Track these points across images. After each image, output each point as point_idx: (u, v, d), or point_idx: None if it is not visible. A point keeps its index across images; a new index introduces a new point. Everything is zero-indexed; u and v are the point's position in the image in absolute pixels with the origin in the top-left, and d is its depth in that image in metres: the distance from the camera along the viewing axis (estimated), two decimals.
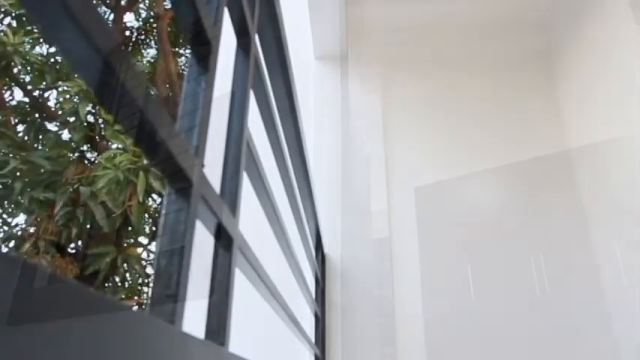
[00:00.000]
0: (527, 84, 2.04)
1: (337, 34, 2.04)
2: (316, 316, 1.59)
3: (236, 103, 0.49)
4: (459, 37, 2.18)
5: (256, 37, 0.55)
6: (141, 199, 3.36)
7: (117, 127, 4.05)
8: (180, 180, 0.31)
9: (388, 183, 1.90)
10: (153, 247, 6.40)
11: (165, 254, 0.30)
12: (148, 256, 6.73)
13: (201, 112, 0.35)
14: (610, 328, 1.61)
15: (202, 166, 0.34)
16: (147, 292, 6.55)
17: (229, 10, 0.49)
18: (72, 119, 4.13)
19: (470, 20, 2.17)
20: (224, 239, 0.42)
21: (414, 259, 1.78)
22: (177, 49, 6.46)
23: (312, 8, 1.88)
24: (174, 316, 0.29)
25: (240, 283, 0.63)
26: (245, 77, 0.51)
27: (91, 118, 4.53)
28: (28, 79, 4.93)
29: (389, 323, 1.68)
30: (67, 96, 4.05)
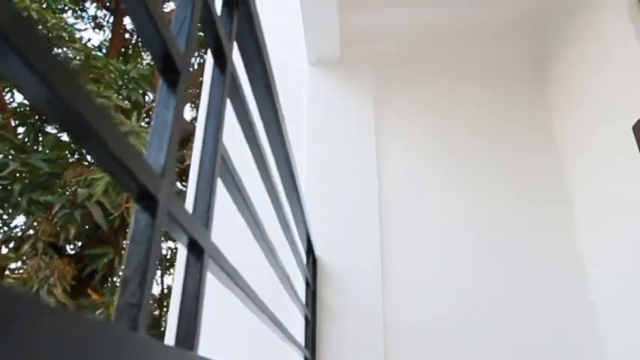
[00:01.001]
0: (520, 88, 2.08)
1: (331, 40, 2.07)
2: (306, 318, 1.62)
3: (210, 121, 0.53)
4: (452, 42, 2.21)
5: (233, 57, 0.58)
6: None
7: None
8: (147, 199, 0.34)
9: (380, 187, 1.93)
10: None
11: (132, 267, 0.33)
12: None
13: (170, 134, 0.38)
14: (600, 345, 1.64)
15: (170, 185, 0.37)
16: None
17: (204, 33, 0.53)
18: None
19: (463, 25, 2.21)
20: (195, 250, 0.45)
21: (405, 263, 1.81)
22: None
23: (305, 14, 1.91)
24: (137, 323, 0.32)
25: (223, 292, 0.66)
26: (220, 95, 0.55)
27: None
28: None
29: (380, 326, 1.70)
30: None
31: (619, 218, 1.54)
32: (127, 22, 6.78)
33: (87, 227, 4.23)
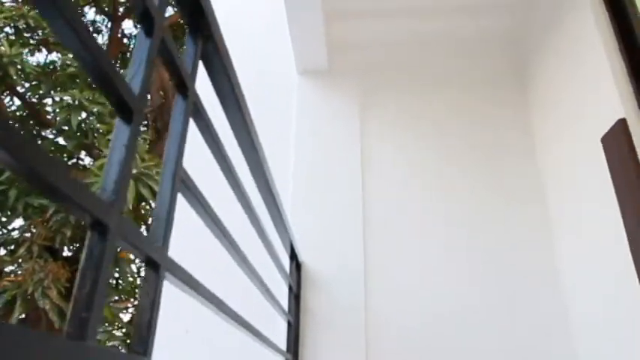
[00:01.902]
0: (500, 96, 2.14)
1: (318, 49, 2.13)
2: (289, 323, 1.67)
3: (171, 146, 0.58)
4: (436, 51, 2.27)
5: (195, 86, 0.64)
6: (130, 207, 3.47)
7: (110, 136, 4.18)
8: (98, 225, 0.40)
9: (365, 193, 1.98)
10: None
11: (85, 285, 0.39)
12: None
13: (123, 166, 0.44)
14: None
15: (121, 212, 0.43)
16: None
17: (165, 67, 0.58)
18: (66, 128, 4.26)
19: (447, 36, 2.26)
20: (151, 266, 0.51)
21: (389, 268, 1.86)
22: None
23: (292, 25, 1.97)
24: (86, 333, 0.37)
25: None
26: (181, 121, 0.60)
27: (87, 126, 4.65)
28: (26, 86, 5.05)
29: (363, 329, 1.75)
30: (63, 105, 4.17)
31: (592, 226, 1.59)
32: (125, 27, 6.85)
33: (82, 230, 4.30)
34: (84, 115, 4.26)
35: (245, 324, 0.94)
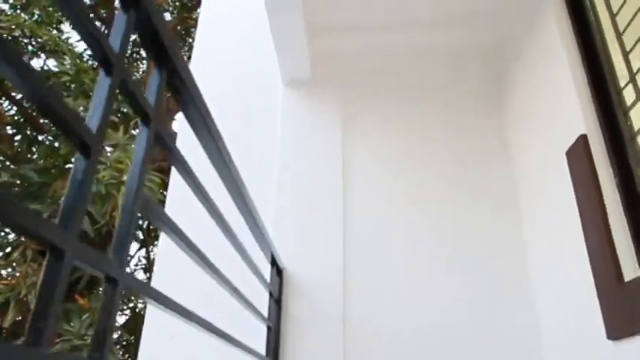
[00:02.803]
0: (481, 108, 2.20)
1: (301, 61, 2.19)
2: (268, 328, 1.73)
3: (133, 174, 0.65)
4: (419, 64, 2.33)
5: (156, 113, 0.71)
6: None
7: (105, 143, 4.24)
8: (54, 249, 0.47)
9: (346, 202, 2.04)
10: (141, 252, 6.56)
11: (42, 301, 0.45)
12: (139, 260, 6.87)
13: (80, 196, 0.50)
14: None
15: (77, 237, 0.49)
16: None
17: (127, 102, 0.65)
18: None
19: (429, 49, 2.33)
20: (109, 282, 0.58)
21: (368, 275, 1.92)
22: None
23: (276, 37, 2.03)
24: (42, 340, 0.44)
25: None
26: (143, 150, 0.67)
27: None
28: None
29: (341, 335, 1.81)
30: None
31: (560, 235, 1.65)
32: None
33: None
34: None
35: (217, 331, 1.00)
